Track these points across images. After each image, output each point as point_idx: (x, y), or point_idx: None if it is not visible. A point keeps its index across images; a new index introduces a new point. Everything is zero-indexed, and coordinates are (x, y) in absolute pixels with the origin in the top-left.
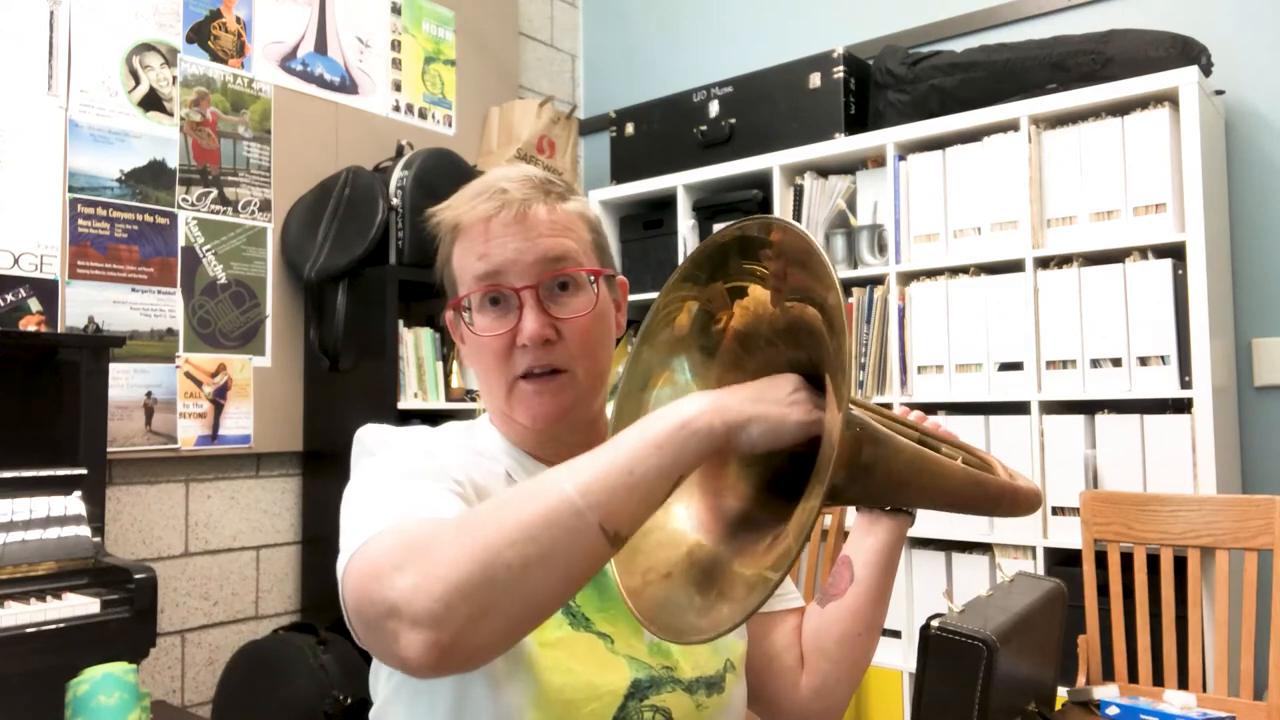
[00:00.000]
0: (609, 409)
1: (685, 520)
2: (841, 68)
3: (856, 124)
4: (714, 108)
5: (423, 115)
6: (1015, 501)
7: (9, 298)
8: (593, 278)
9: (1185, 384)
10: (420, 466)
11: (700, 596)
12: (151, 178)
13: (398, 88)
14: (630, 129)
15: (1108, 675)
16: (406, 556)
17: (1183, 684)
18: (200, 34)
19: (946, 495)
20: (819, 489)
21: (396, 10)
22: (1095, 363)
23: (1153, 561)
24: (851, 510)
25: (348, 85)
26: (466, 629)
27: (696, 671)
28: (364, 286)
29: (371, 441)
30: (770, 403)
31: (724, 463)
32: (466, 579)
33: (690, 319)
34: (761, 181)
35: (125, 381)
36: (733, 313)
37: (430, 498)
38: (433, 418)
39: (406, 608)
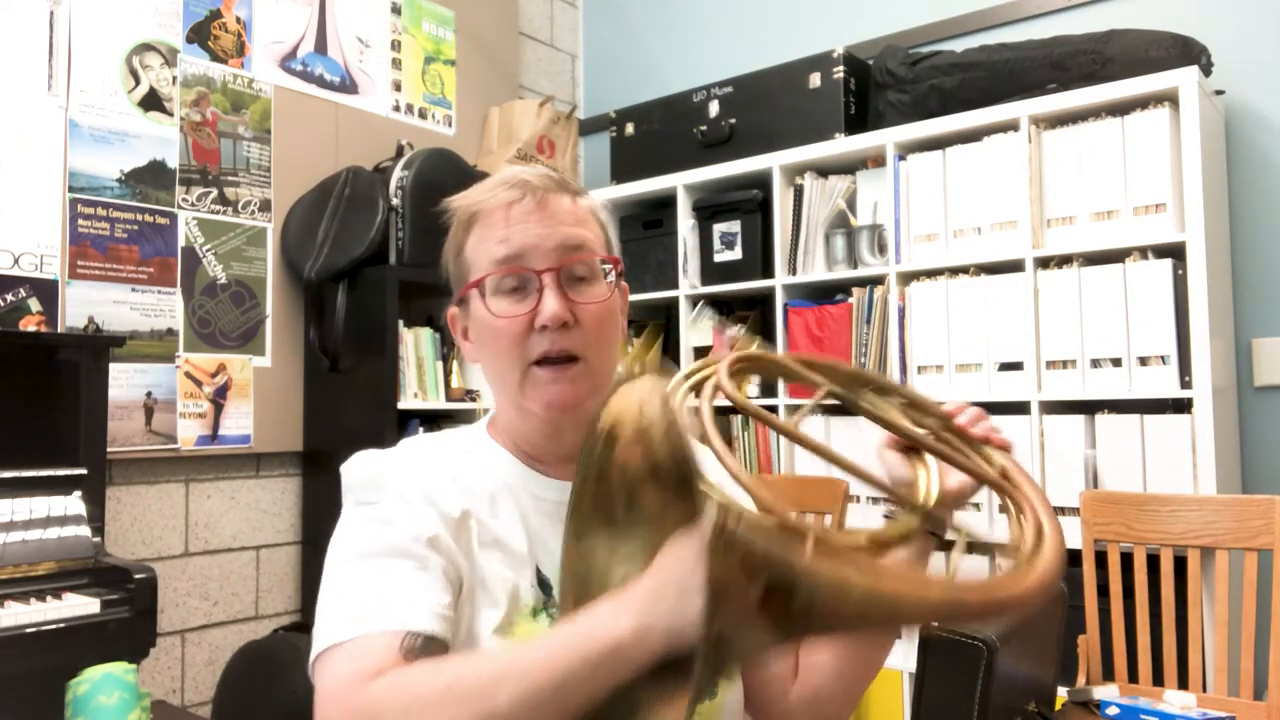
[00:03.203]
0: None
1: None
2: (841, 68)
3: (856, 124)
4: (714, 108)
5: (423, 115)
6: (1003, 611)
7: (9, 298)
8: (609, 267)
9: (1185, 384)
10: (394, 538)
11: None
12: (151, 178)
13: (398, 88)
14: (630, 129)
15: (1108, 675)
16: None
17: (1183, 684)
18: (200, 34)
19: (921, 622)
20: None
21: (396, 10)
22: (1095, 363)
23: (1153, 561)
24: (850, 508)
25: (348, 85)
26: None
27: None
28: (364, 286)
29: (354, 479)
30: (691, 590)
31: None
32: None
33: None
34: (761, 181)
35: (125, 381)
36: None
37: (398, 589)
38: (433, 418)
39: None
